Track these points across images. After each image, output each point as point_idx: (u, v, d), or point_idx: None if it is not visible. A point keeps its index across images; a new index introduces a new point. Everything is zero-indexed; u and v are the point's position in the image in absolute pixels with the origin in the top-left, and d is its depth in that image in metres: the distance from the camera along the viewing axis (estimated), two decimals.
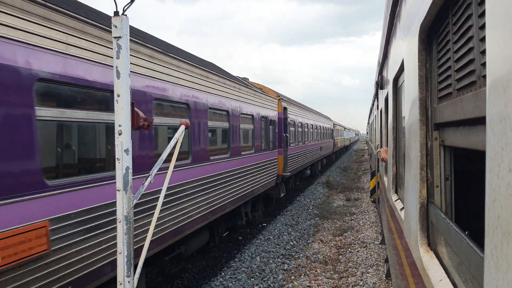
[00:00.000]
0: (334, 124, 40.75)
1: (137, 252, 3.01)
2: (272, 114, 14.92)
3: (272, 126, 14.85)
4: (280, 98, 16.55)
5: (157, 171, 3.17)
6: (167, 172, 3.31)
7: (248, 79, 16.88)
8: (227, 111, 9.82)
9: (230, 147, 9.99)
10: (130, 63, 2.92)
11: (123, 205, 2.91)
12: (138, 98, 5.91)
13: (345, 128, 62.11)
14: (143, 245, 3.11)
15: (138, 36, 6.57)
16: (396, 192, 5.22)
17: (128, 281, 2.96)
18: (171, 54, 7.20)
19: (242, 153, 10.93)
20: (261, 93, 13.87)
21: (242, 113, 10.97)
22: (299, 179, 22.72)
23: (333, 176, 28.92)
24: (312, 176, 26.96)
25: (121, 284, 2.94)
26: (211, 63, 12.02)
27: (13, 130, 3.92)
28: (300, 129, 20.36)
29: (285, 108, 16.79)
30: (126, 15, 2.88)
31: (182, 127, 3.42)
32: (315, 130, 26.34)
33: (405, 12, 3.26)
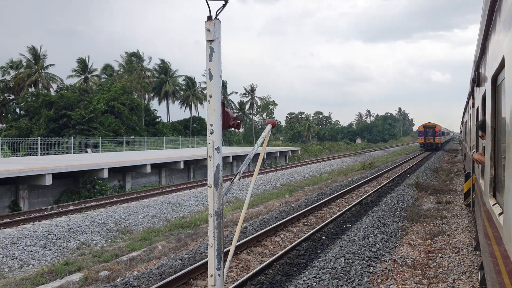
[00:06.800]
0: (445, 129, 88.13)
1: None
2: (446, 130, 77.55)
3: (448, 133, 79.04)
4: (446, 128, 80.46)
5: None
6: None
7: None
8: (448, 133, 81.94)
9: (444, 136, 72.04)
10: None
11: (214, 201, 3.06)
12: (442, 131, 66.73)
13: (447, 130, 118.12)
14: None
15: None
16: (494, 196, 4.89)
17: (219, 274, 3.10)
18: None
19: (447, 135, 79.05)
20: (444, 127, 70.45)
21: (446, 133, 76.76)
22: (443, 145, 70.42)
23: (423, 177, 27.61)
24: (442, 144, 68.59)
25: (212, 276, 3.10)
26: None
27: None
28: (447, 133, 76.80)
29: (445, 128, 73.42)
30: (218, 19, 3.02)
31: (269, 126, 3.50)
32: (448, 132, 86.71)
33: (506, 5, 3.05)
